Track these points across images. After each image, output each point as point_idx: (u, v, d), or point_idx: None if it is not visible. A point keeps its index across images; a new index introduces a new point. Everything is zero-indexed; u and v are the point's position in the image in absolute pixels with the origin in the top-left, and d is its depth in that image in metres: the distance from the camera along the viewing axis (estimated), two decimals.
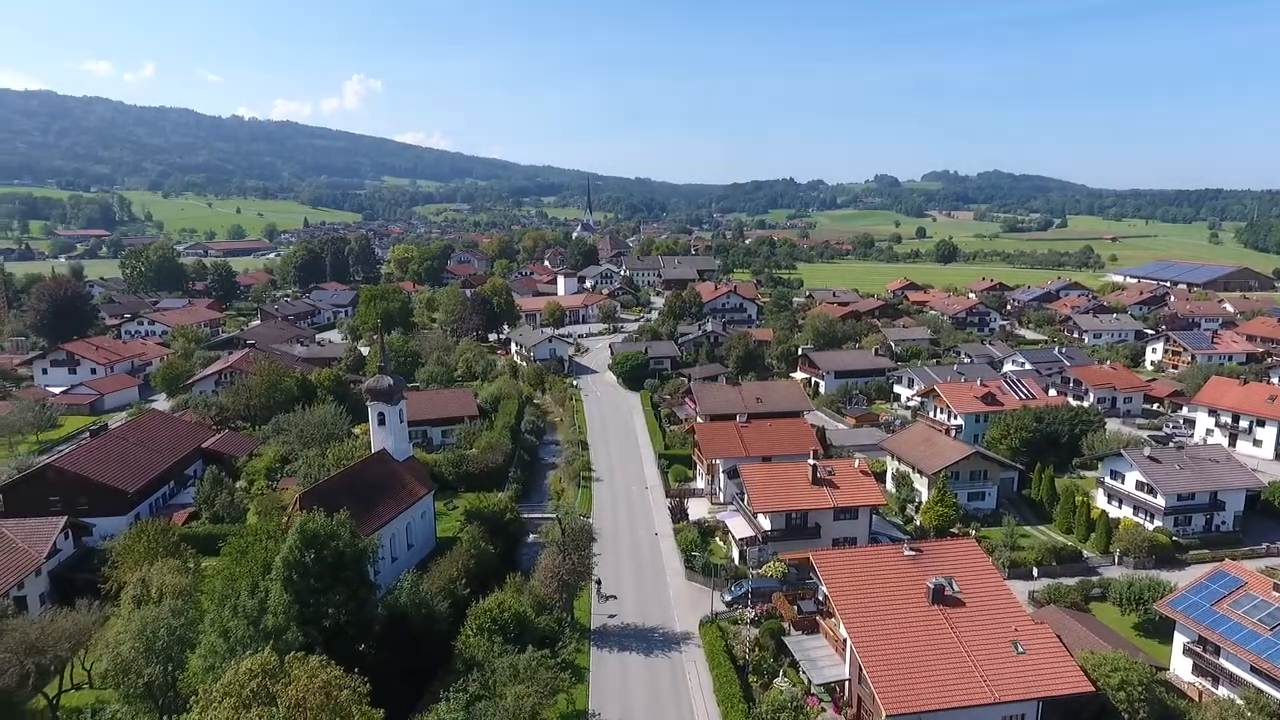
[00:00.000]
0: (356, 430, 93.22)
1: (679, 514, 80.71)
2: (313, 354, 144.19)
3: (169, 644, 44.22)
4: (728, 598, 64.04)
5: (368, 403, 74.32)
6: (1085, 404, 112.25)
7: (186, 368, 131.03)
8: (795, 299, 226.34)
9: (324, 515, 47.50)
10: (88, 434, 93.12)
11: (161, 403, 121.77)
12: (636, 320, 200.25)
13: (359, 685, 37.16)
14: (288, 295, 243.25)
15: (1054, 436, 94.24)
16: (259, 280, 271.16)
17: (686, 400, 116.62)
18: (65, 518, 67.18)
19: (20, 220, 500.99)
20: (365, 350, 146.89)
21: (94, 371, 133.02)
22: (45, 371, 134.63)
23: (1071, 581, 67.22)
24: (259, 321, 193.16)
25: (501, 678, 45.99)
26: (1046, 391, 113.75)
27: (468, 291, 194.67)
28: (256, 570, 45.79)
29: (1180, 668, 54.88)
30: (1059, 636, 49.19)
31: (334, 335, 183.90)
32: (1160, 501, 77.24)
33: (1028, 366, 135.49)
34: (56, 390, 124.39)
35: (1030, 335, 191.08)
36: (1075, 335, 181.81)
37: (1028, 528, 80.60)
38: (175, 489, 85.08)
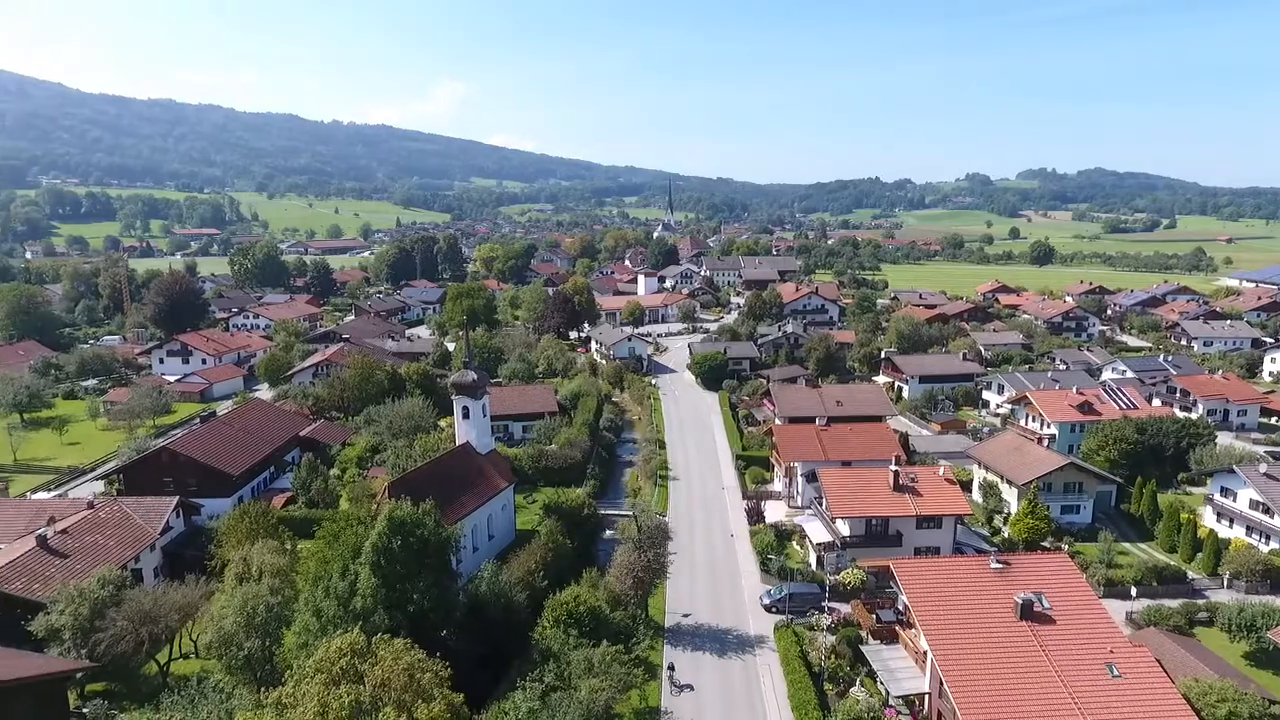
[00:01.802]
0: (442, 423, 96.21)
1: (755, 516, 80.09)
2: (402, 349, 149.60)
3: (267, 620, 46.80)
4: (766, 601, 63.56)
5: (453, 397, 76.69)
6: (1193, 416, 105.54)
7: (287, 360, 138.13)
8: (879, 301, 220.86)
9: (410, 504, 49.27)
10: (198, 420, 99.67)
11: (264, 392, 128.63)
12: (716, 320, 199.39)
13: (440, 669, 38.45)
14: (380, 292, 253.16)
15: (1158, 449, 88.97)
16: (354, 277, 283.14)
17: (765, 402, 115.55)
18: (177, 497, 71.93)
19: (142, 220, 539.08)
20: (451, 346, 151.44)
21: (204, 362, 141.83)
22: (162, 361, 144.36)
23: (1174, 604, 63.37)
24: (353, 317, 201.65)
25: (576, 670, 46.76)
26: (1150, 401, 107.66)
27: (550, 290, 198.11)
28: (347, 554, 47.80)
29: None
30: (1159, 661, 46.54)
31: (422, 331, 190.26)
32: (1278, 522, 71.91)
33: (1129, 375, 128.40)
34: (171, 378, 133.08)
35: (1133, 342, 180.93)
36: (1183, 343, 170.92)
37: (1126, 545, 76.47)
38: (275, 474, 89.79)
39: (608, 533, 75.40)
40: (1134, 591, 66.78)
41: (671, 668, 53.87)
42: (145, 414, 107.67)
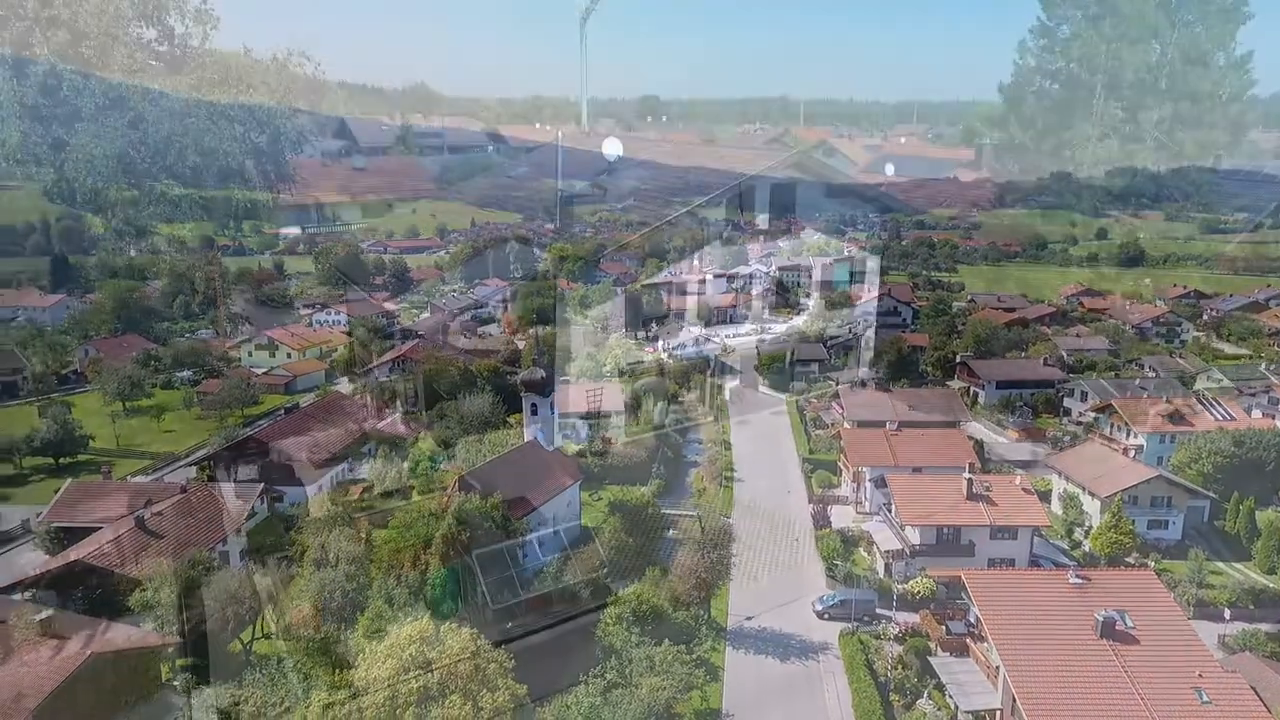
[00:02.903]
0: (511, 419, 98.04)
1: (821, 520, 78.90)
2: (474, 346, 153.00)
3: (342, 605, 48.71)
4: (819, 607, 62.59)
5: (522, 394, 78.03)
6: None
7: (365, 355, 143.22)
8: (955, 303, 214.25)
9: (479, 497, 50.54)
10: (283, 411, 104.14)
11: (343, 386, 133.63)
12: (785, 322, 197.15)
13: (504, 660, 39.33)
14: (454, 290, 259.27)
15: (1257, 463, 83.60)
16: (430, 276, 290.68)
17: (833, 405, 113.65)
18: (262, 484, 75.38)
19: (235, 220, 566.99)
20: (521, 344, 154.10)
21: (289, 356, 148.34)
22: (250, 354, 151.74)
23: (1273, 628, 59.68)
24: (428, 314, 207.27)
25: (638, 668, 47.07)
26: (1249, 413, 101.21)
27: (619, 290, 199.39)
28: (418, 544, 49.32)
29: None
30: (1254, 689, 43.88)
31: (493, 329, 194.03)
32: None
33: (1226, 384, 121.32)
34: (258, 371, 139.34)
35: (1230, 350, 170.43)
36: None
37: (1220, 564, 72.30)
38: (352, 465, 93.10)
39: (671, 532, 75.47)
40: (1227, 614, 62.96)
41: None
42: (234, 404, 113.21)
